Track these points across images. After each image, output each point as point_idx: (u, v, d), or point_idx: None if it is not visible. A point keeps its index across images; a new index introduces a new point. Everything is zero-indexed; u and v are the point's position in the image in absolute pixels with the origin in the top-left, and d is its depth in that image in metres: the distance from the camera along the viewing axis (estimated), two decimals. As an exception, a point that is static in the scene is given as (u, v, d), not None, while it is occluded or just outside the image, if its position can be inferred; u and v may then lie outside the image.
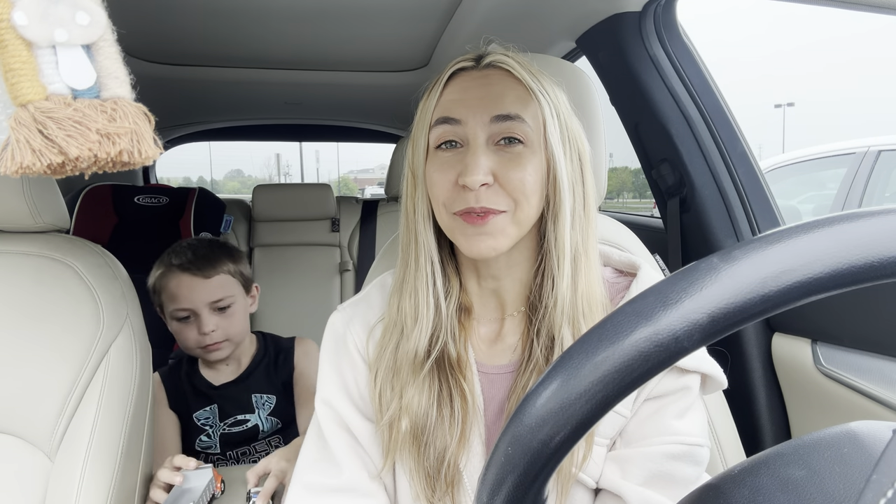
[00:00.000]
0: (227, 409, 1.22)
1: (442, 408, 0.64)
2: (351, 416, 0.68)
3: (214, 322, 1.17)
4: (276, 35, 1.57)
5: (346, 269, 2.29)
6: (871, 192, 2.93)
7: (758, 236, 0.28)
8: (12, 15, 0.39)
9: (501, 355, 0.68)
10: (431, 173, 0.63)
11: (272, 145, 38.88)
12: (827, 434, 0.34)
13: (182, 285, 1.16)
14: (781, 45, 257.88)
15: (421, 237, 0.65)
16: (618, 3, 1.20)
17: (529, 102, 0.62)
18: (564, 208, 0.62)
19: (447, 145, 0.62)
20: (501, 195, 0.60)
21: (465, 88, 0.63)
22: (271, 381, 1.26)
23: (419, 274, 0.66)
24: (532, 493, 0.30)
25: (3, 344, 0.85)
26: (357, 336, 0.70)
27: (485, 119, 0.61)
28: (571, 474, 0.61)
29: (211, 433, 1.20)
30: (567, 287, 0.62)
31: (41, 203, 0.87)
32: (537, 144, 0.61)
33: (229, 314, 1.19)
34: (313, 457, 0.68)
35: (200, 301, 1.16)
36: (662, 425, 0.61)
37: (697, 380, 0.63)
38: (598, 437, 0.63)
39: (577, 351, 0.29)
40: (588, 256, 0.64)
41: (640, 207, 3.46)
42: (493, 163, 0.60)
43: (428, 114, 0.64)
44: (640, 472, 0.60)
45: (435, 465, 0.63)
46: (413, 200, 0.66)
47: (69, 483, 0.81)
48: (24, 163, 0.40)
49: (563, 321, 0.62)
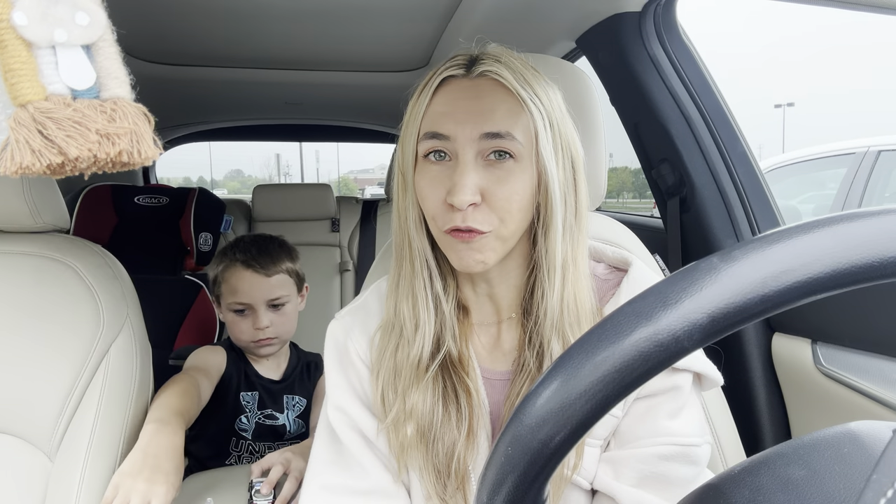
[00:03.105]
0: (264, 400, 1.26)
1: (448, 406, 0.63)
2: (364, 420, 0.67)
3: (269, 318, 1.21)
4: (276, 35, 1.57)
5: (346, 269, 2.30)
6: (871, 192, 2.93)
7: (758, 236, 0.28)
8: (12, 15, 0.39)
9: (501, 361, 0.68)
10: (421, 186, 0.62)
11: (272, 145, 38.86)
12: (827, 434, 0.34)
13: (244, 280, 1.20)
14: (760, 40, 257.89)
15: (415, 242, 0.65)
16: (618, 3, 1.20)
17: (521, 115, 0.60)
18: (556, 219, 0.61)
19: (435, 156, 0.61)
20: (487, 214, 0.59)
21: (455, 100, 0.61)
22: (304, 388, 1.31)
23: (415, 276, 0.65)
24: (532, 493, 0.30)
25: (3, 344, 0.85)
26: (359, 344, 0.70)
27: (474, 135, 0.59)
28: (564, 478, 0.61)
29: (249, 417, 1.23)
30: (557, 299, 0.62)
31: (41, 203, 0.87)
32: (528, 159, 0.60)
33: (283, 312, 1.24)
34: (328, 458, 0.68)
35: (259, 297, 1.20)
36: (655, 426, 0.61)
37: (689, 378, 0.63)
38: (591, 438, 0.63)
39: (578, 351, 0.29)
40: (577, 266, 0.63)
41: (640, 207, 3.46)
42: (482, 179, 0.59)
43: (416, 122, 0.62)
44: (632, 474, 0.60)
45: (444, 461, 0.63)
46: (405, 205, 0.65)
47: (69, 483, 0.81)
48: (24, 163, 0.40)
49: (553, 332, 0.62)
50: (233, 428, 1.22)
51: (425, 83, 0.63)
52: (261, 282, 1.20)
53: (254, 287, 1.20)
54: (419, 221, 0.65)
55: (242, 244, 1.25)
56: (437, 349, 0.65)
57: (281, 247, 1.28)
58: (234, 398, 1.22)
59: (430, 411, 0.63)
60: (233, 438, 1.22)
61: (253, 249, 1.23)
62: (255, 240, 1.27)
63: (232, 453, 1.22)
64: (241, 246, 1.24)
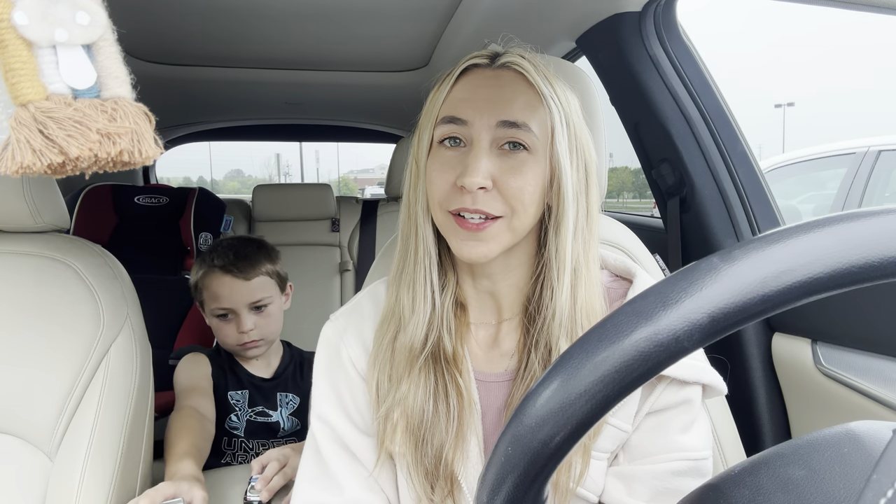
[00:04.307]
0: (255, 398, 1.26)
1: (438, 403, 0.63)
2: (347, 433, 0.66)
3: (253, 321, 1.21)
4: (277, 35, 1.57)
5: (346, 269, 2.29)
6: (871, 192, 2.93)
7: (758, 236, 0.28)
8: (12, 15, 0.39)
9: (498, 362, 0.67)
10: (432, 171, 0.62)
11: (272, 145, 38.89)
12: (827, 434, 0.34)
13: (224, 286, 1.20)
14: (763, 40, 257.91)
15: (421, 229, 0.65)
16: (618, 3, 1.20)
17: (539, 109, 0.60)
18: (567, 219, 0.61)
19: (451, 142, 0.62)
20: (498, 200, 0.59)
21: (475, 87, 0.62)
22: (297, 385, 1.31)
23: (417, 266, 0.65)
24: (532, 493, 0.30)
25: (4, 344, 0.85)
26: (351, 349, 0.69)
27: (491, 122, 0.60)
28: (569, 490, 0.60)
29: (239, 415, 1.24)
30: (566, 299, 0.61)
31: (41, 203, 0.87)
32: (542, 153, 0.60)
33: (267, 314, 1.23)
34: (312, 474, 0.67)
35: (241, 301, 1.20)
36: (667, 441, 0.61)
37: (699, 391, 0.63)
38: (597, 451, 0.62)
39: (577, 351, 0.29)
40: (589, 268, 0.63)
41: (640, 207, 3.46)
42: (495, 167, 0.59)
43: (435, 108, 0.63)
44: (646, 490, 0.60)
45: (433, 462, 0.62)
46: (415, 192, 0.66)
47: (69, 483, 0.81)
48: (25, 163, 0.40)
49: (561, 333, 0.61)
50: (223, 427, 1.21)
51: (448, 73, 0.64)
52: (241, 286, 1.20)
53: (234, 292, 1.20)
54: (427, 209, 0.65)
55: (220, 249, 1.24)
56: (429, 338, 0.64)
57: (259, 249, 1.27)
58: (222, 398, 1.22)
59: (420, 408, 0.63)
60: (224, 437, 1.22)
61: (230, 254, 1.22)
62: (232, 244, 1.26)
63: (226, 451, 1.22)
64: (218, 251, 1.24)
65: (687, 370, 0.61)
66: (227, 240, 1.29)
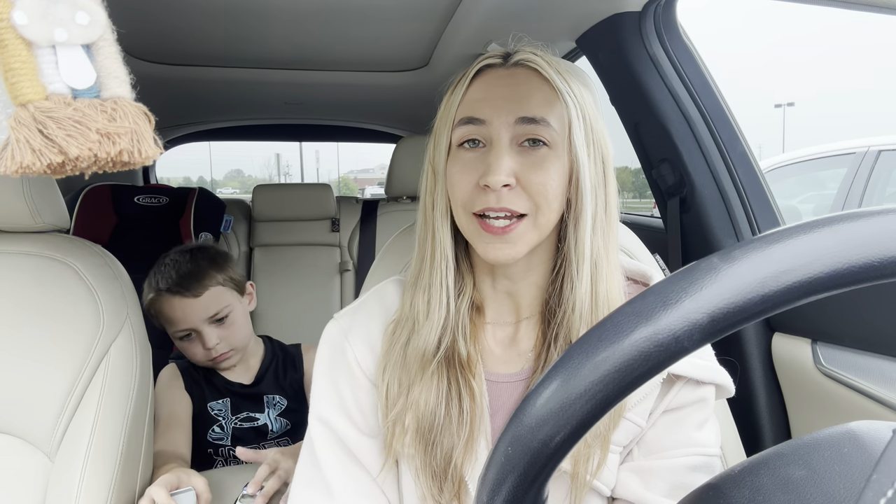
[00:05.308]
0: (238, 404, 1.22)
1: (450, 407, 0.62)
2: (348, 435, 0.65)
3: (216, 335, 1.16)
4: (276, 35, 1.57)
5: (346, 269, 2.29)
6: (871, 192, 2.93)
7: (758, 236, 0.28)
8: (12, 14, 0.39)
9: (515, 362, 0.67)
10: (453, 173, 0.62)
11: (272, 145, 38.85)
12: (827, 434, 0.34)
13: (175, 308, 1.15)
14: (762, 41, 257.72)
15: (438, 233, 0.65)
16: (618, 3, 1.19)
17: (556, 104, 0.60)
18: (586, 212, 0.61)
19: (470, 144, 0.61)
20: (523, 197, 0.59)
21: (491, 87, 0.62)
22: (280, 385, 1.27)
23: (434, 270, 0.65)
24: (532, 493, 0.30)
25: (4, 344, 0.85)
26: (357, 349, 0.68)
27: (510, 120, 0.59)
28: (586, 481, 0.60)
29: (223, 425, 1.20)
30: (586, 292, 0.61)
31: (41, 203, 0.87)
32: (562, 147, 0.60)
33: (229, 323, 1.19)
34: (308, 478, 0.66)
35: (197, 319, 1.15)
36: (684, 437, 0.61)
37: (713, 391, 0.63)
38: (612, 444, 0.62)
39: (577, 351, 0.29)
40: (609, 261, 0.63)
41: (640, 207, 3.46)
42: (516, 164, 0.59)
43: (452, 111, 0.63)
44: (663, 484, 0.60)
45: (442, 464, 0.62)
46: (433, 196, 0.65)
47: (69, 483, 0.81)
48: (24, 162, 0.40)
49: (582, 325, 0.61)
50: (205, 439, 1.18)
51: (462, 75, 0.64)
52: (192, 304, 1.14)
53: (187, 312, 1.14)
54: (446, 213, 0.64)
55: (163, 269, 1.17)
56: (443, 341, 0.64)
57: (203, 259, 1.20)
58: (201, 411, 1.18)
59: (431, 412, 0.62)
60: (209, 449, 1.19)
61: (172, 273, 1.15)
62: (174, 261, 1.18)
63: (217, 459, 1.19)
64: (161, 271, 1.17)
65: (703, 371, 0.62)
66: (168, 256, 1.21)
